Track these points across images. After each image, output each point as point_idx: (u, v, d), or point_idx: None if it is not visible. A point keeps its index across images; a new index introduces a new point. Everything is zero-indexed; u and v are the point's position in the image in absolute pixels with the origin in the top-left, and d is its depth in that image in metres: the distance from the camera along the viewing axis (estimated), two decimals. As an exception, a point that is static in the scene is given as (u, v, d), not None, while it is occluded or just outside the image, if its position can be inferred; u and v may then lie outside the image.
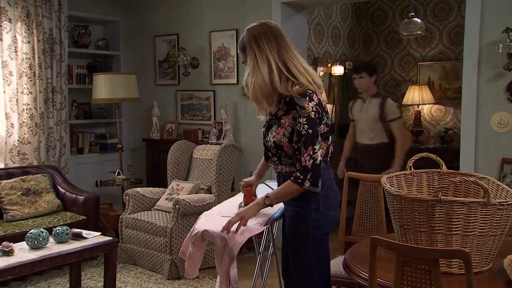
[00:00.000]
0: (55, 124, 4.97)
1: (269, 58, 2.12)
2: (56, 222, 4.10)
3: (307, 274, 2.25)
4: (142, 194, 4.53)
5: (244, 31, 2.22)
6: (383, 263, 1.99)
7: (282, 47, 2.15)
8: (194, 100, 5.43)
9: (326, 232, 2.25)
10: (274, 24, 2.21)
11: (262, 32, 2.15)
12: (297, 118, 2.09)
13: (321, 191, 2.15)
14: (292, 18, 4.82)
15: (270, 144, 2.21)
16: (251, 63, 2.15)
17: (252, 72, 2.15)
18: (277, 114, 2.20)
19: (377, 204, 3.08)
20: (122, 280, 3.96)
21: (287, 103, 2.14)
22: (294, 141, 2.11)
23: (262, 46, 2.13)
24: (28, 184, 4.33)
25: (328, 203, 2.21)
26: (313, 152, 2.09)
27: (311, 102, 2.10)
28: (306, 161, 2.09)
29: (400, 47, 6.52)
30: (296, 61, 2.16)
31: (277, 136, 2.16)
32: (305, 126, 2.08)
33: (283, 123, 2.15)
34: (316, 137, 2.10)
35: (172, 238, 4.00)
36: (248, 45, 2.17)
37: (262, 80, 2.12)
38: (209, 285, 3.86)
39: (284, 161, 2.21)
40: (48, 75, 4.88)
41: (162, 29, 5.62)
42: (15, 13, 4.61)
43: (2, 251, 3.08)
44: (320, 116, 2.14)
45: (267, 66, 2.11)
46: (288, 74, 2.13)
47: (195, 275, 2.39)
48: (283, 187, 2.18)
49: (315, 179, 2.11)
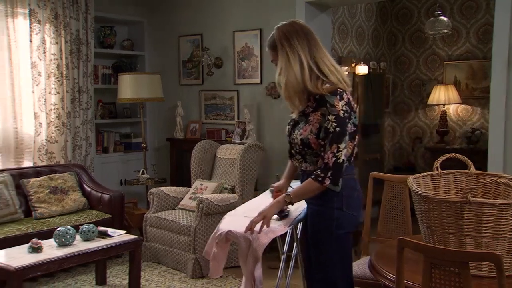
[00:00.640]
0: (81, 123, 5.05)
1: (301, 56, 2.12)
2: (82, 220, 4.17)
3: (329, 274, 2.24)
4: (166, 193, 4.56)
5: (274, 30, 2.22)
6: (410, 265, 1.96)
7: (312, 46, 2.15)
8: (217, 100, 5.45)
9: (348, 231, 2.24)
10: (304, 23, 2.22)
11: (293, 31, 2.16)
12: (326, 115, 2.09)
13: (344, 191, 2.14)
14: (316, 18, 4.80)
15: (297, 141, 2.20)
16: (283, 62, 2.15)
17: (284, 70, 2.15)
18: (305, 111, 2.20)
19: (403, 205, 3.05)
20: (147, 278, 4.00)
21: (316, 100, 2.15)
22: (321, 137, 2.11)
23: (294, 44, 2.13)
24: (56, 182, 4.41)
25: (351, 203, 2.20)
26: (337, 150, 2.08)
27: (341, 101, 2.10)
28: (328, 158, 2.08)
29: (426, 46, 6.43)
30: (326, 59, 2.17)
31: (304, 133, 2.16)
32: (333, 124, 2.08)
33: (311, 119, 2.15)
34: (342, 136, 2.09)
35: (195, 237, 4.03)
36: (279, 44, 2.17)
37: (294, 78, 2.13)
38: (232, 284, 3.87)
39: (309, 159, 2.20)
40: (74, 75, 4.97)
41: (186, 29, 5.65)
42: (44, 15, 4.70)
43: (32, 248, 3.15)
44: (349, 115, 2.13)
45: (299, 64, 2.12)
46: (319, 72, 2.14)
47: (219, 275, 2.40)
48: (303, 185, 2.18)
49: (335, 177, 2.09)
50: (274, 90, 4.94)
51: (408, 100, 6.63)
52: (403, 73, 6.64)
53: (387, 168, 6.48)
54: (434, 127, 6.34)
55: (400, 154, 6.74)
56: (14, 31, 4.58)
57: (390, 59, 6.66)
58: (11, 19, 4.55)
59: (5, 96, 4.56)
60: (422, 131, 6.53)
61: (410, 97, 6.61)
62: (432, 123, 6.42)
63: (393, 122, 6.74)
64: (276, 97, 4.95)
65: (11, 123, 4.60)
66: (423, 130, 6.53)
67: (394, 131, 6.76)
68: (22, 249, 3.22)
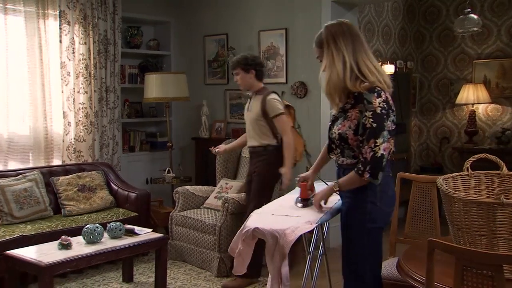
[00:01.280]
0: (108, 122, 5.12)
1: (345, 56, 2.23)
2: (109, 218, 4.23)
3: (358, 268, 2.30)
4: (191, 192, 4.59)
5: (323, 28, 2.34)
6: (440, 267, 1.93)
7: (357, 47, 2.26)
8: (243, 99, 5.45)
9: (380, 226, 2.31)
10: (351, 24, 2.32)
11: (340, 31, 2.27)
12: (363, 112, 2.18)
13: (378, 186, 2.22)
14: (342, 17, 4.75)
15: (335, 136, 2.30)
16: (328, 60, 2.27)
17: (327, 68, 2.27)
18: (344, 108, 2.29)
19: (431, 206, 3.01)
20: (172, 276, 4.03)
21: (355, 97, 2.24)
22: (359, 133, 2.20)
23: (339, 44, 2.25)
24: (84, 180, 4.49)
25: (385, 198, 2.28)
26: (374, 145, 2.16)
27: (379, 98, 2.19)
28: (366, 153, 2.17)
29: (454, 44, 6.31)
30: (368, 61, 2.26)
31: (342, 128, 2.26)
32: (370, 120, 2.16)
33: (350, 116, 2.24)
34: (379, 131, 2.17)
35: (221, 236, 4.04)
36: (325, 42, 2.29)
37: (336, 76, 2.24)
38: (257, 283, 3.87)
39: (346, 153, 2.29)
40: (102, 75, 5.05)
41: (212, 29, 5.68)
42: (73, 16, 4.79)
43: (61, 245, 3.21)
44: (387, 112, 2.20)
45: (342, 64, 2.23)
46: (358, 73, 2.23)
47: (243, 272, 2.41)
48: (348, 175, 2.27)
49: (374, 171, 2.17)
50: (299, 90, 4.92)
51: (435, 99, 6.52)
52: (431, 72, 6.53)
53: (413, 168, 6.39)
54: (462, 127, 6.22)
55: (427, 155, 6.64)
56: (45, 32, 4.68)
57: (417, 58, 6.56)
58: (42, 20, 4.65)
59: (36, 96, 4.66)
60: (449, 131, 6.42)
61: (437, 96, 6.50)
62: (460, 123, 6.30)
63: (420, 122, 6.64)
64: (301, 96, 4.93)
65: (41, 122, 4.70)
66: (450, 130, 6.41)
67: (421, 131, 6.66)
68: (52, 245, 3.29)
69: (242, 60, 3.84)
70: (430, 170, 6.12)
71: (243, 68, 3.83)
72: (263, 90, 3.89)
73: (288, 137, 3.77)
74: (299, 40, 4.94)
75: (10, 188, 4.04)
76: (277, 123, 3.79)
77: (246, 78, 3.86)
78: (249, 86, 3.91)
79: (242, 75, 3.85)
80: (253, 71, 3.84)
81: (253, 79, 3.87)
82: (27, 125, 4.66)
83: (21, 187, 4.09)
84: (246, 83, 3.89)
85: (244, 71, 3.84)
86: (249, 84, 3.89)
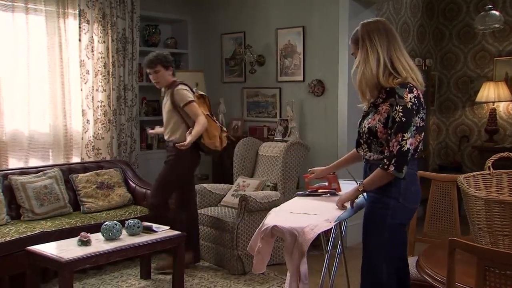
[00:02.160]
0: (126, 120, 5.16)
1: (379, 54, 2.27)
2: (127, 215, 4.26)
3: (376, 263, 2.30)
4: (209, 190, 4.61)
5: (359, 25, 2.37)
6: (461, 266, 1.90)
7: (391, 45, 2.30)
8: (260, 98, 5.46)
9: (402, 223, 2.32)
10: (387, 22, 2.37)
11: (375, 29, 2.31)
12: (394, 106, 2.22)
13: (402, 182, 2.24)
14: (360, 14, 4.72)
15: (364, 130, 2.34)
16: (362, 56, 2.31)
17: (361, 64, 2.31)
18: (375, 102, 2.33)
19: (451, 205, 2.99)
20: (189, 273, 4.05)
21: (387, 92, 2.27)
22: (388, 127, 2.23)
23: (374, 41, 2.29)
24: (102, 178, 4.53)
25: (408, 195, 2.29)
26: (402, 139, 2.19)
27: (410, 94, 2.22)
28: (393, 146, 2.20)
29: (474, 42, 6.22)
30: (402, 58, 2.29)
31: (372, 122, 2.29)
32: (400, 114, 2.19)
33: (380, 109, 2.27)
34: (408, 126, 2.19)
35: (238, 234, 4.05)
36: (361, 39, 2.33)
37: (370, 72, 2.27)
38: (274, 282, 3.87)
39: (374, 148, 2.32)
40: (120, 73, 5.09)
41: (229, 27, 5.69)
42: (92, 15, 4.83)
43: (81, 241, 3.24)
44: (417, 108, 2.22)
45: (376, 61, 2.27)
46: (392, 69, 2.27)
47: (263, 270, 2.41)
48: (373, 174, 2.29)
49: (399, 164, 2.19)
50: (316, 88, 4.90)
51: (454, 97, 6.44)
52: (450, 70, 6.44)
53: (431, 167, 6.32)
54: (483, 125, 6.13)
55: (446, 153, 6.56)
56: (65, 31, 4.74)
57: (436, 56, 6.48)
58: (62, 19, 4.70)
59: (56, 94, 4.72)
60: (469, 129, 6.33)
61: (457, 94, 6.42)
62: (480, 121, 6.21)
63: (439, 120, 6.56)
64: (318, 94, 4.91)
65: (61, 120, 4.76)
66: (470, 129, 6.33)
67: (440, 130, 6.58)
68: (72, 242, 3.32)
69: (162, 57, 3.92)
70: (448, 169, 6.04)
71: (164, 65, 3.91)
72: (174, 83, 3.97)
73: (201, 117, 3.85)
74: (317, 38, 4.91)
75: (31, 185, 4.10)
76: (188, 111, 3.86)
77: (165, 75, 3.94)
78: (166, 83, 3.98)
79: (162, 72, 3.92)
80: (171, 68, 3.95)
81: (170, 75, 3.95)
82: (47, 123, 4.72)
83: (41, 184, 4.15)
84: (164, 80, 3.96)
85: (164, 68, 3.91)
86: (166, 80, 3.97)
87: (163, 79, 3.95)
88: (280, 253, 4.21)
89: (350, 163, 2.70)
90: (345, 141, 4.70)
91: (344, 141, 4.71)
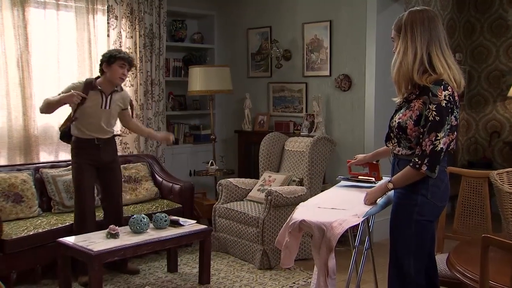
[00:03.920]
0: (153, 115, 5.21)
1: (417, 48, 2.19)
2: (154, 209, 4.31)
3: (403, 260, 2.28)
4: (235, 184, 4.62)
5: (406, 13, 2.28)
6: (494, 264, 1.86)
7: (433, 39, 2.20)
8: (286, 92, 5.44)
9: (429, 220, 2.28)
10: (435, 14, 2.27)
11: (420, 20, 2.21)
12: (427, 104, 2.16)
13: (431, 179, 2.20)
14: (388, 8, 4.65)
15: (394, 124, 2.29)
16: (402, 48, 2.24)
17: (399, 56, 2.25)
18: (408, 98, 2.28)
19: (482, 201, 2.92)
20: (216, 267, 4.07)
21: (420, 88, 2.21)
22: (421, 125, 2.18)
23: (415, 34, 2.20)
24: (130, 172, 4.59)
25: (436, 192, 2.25)
26: (435, 138, 2.14)
27: (445, 91, 2.15)
28: (426, 146, 2.15)
29: (507, 35, 6.05)
30: (442, 56, 2.21)
31: (403, 117, 2.24)
32: (433, 113, 2.14)
33: (413, 106, 2.22)
34: (441, 125, 2.14)
35: (264, 229, 4.05)
36: (403, 28, 2.24)
37: (406, 66, 2.21)
38: (300, 277, 3.87)
39: (403, 143, 2.28)
40: (147, 68, 5.14)
41: (255, 21, 5.67)
42: (120, 10, 4.89)
43: (110, 234, 3.29)
44: (452, 107, 2.17)
45: (413, 55, 2.21)
46: (429, 65, 2.21)
47: (291, 265, 2.40)
48: (403, 171, 2.25)
49: (432, 164, 2.15)
50: (343, 83, 4.86)
51: (485, 92, 6.29)
52: (481, 64, 6.30)
53: (460, 163, 6.20)
54: (514, 121, 5.99)
55: (475, 149, 6.42)
56: (93, 26, 4.80)
57: (466, 50, 6.34)
58: (91, 15, 4.77)
59: (85, 89, 4.78)
60: (500, 125, 6.18)
61: (487, 89, 6.27)
62: (511, 117, 6.06)
63: (468, 115, 6.43)
64: (345, 89, 4.86)
65: (90, 114, 4.83)
66: (501, 124, 6.18)
67: (469, 125, 6.45)
68: (101, 234, 3.38)
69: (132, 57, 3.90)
70: (478, 165, 5.93)
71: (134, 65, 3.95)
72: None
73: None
74: (344, 32, 4.86)
75: (61, 178, 4.18)
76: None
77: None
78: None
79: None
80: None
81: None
82: (76, 117, 4.80)
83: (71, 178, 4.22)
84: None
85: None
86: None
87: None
88: (306, 248, 4.19)
89: (387, 155, 2.63)
90: (372, 137, 4.64)
91: (371, 136, 4.66)
